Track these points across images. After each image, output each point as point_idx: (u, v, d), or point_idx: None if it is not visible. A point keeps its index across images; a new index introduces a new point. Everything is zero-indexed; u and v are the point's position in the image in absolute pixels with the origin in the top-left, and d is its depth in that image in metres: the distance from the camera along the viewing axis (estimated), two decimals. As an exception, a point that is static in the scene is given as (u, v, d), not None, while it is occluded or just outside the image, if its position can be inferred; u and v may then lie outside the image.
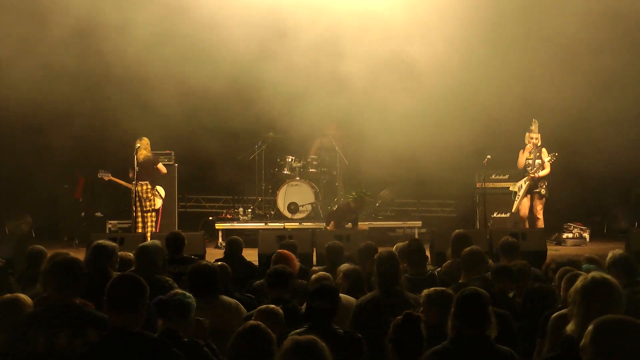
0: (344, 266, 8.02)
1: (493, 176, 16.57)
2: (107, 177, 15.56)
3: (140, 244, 8.15)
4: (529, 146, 15.18)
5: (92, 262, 7.30)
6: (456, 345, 5.13)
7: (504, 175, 16.76)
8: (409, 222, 17.18)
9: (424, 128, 15.50)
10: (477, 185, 15.97)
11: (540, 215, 15.17)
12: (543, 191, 15.16)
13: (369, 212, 17.73)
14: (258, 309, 6.25)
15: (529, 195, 15.22)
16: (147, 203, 15.37)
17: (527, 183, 15.11)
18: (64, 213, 17.80)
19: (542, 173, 15.07)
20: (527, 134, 15.27)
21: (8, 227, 17.06)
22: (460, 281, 7.66)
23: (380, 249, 8.30)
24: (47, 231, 17.23)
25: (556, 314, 5.94)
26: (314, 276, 7.85)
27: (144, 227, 15.22)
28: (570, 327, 4.82)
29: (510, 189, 15.61)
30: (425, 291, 6.16)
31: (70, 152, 15.99)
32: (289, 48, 15.13)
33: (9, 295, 6.26)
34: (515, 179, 16.36)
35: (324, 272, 8.12)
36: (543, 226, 14.73)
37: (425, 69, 15.25)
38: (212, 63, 14.99)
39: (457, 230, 9.90)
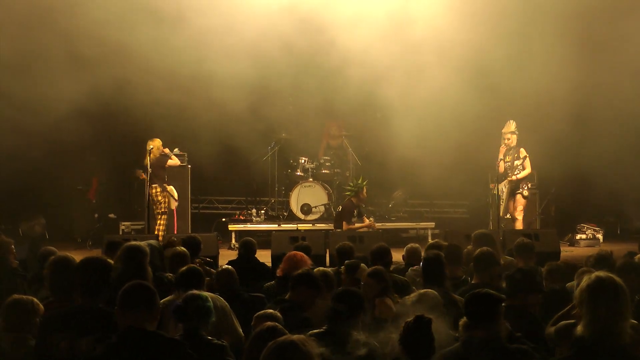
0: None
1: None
2: (142, 176, 15.61)
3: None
4: (502, 147, 15.19)
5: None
6: (467, 347, 5.14)
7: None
8: (422, 223, 17.20)
9: (437, 129, 15.53)
10: (490, 186, 15.92)
11: (519, 216, 15.12)
12: (525, 192, 15.13)
13: (382, 214, 17.76)
14: (256, 315, 6.29)
15: (517, 196, 15.22)
16: (158, 205, 15.37)
17: (507, 187, 15.16)
18: (77, 214, 17.84)
19: (521, 175, 15.08)
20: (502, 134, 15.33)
21: (21, 229, 17.13)
22: (472, 282, 7.68)
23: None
24: (61, 232, 17.28)
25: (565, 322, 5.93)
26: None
27: (157, 230, 15.26)
28: (579, 328, 4.82)
29: (492, 190, 15.60)
30: None
31: (83, 153, 16.02)
32: (303, 46, 15.20)
33: (16, 296, 6.28)
34: (528, 179, 16.41)
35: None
36: (522, 227, 14.64)
37: (440, 69, 15.31)
38: (226, 63, 15.03)
39: (478, 231, 9.90)
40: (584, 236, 16.32)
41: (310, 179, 17.26)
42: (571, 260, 10.74)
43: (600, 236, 16.38)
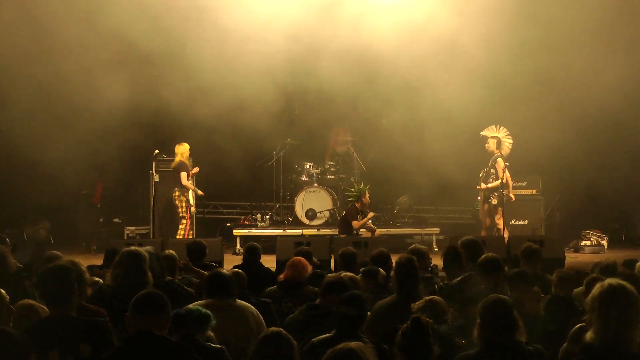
0: None
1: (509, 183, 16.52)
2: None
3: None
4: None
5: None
6: (487, 352, 5.13)
7: (522, 182, 16.73)
8: (426, 229, 17.16)
9: (441, 134, 15.54)
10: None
11: (499, 225, 15.13)
12: (494, 201, 15.16)
13: (387, 219, 17.74)
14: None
15: (486, 206, 15.30)
16: (177, 210, 15.45)
17: (480, 195, 15.25)
18: (82, 219, 17.86)
19: (491, 184, 15.15)
20: None
21: (26, 233, 17.17)
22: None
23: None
24: (66, 237, 17.30)
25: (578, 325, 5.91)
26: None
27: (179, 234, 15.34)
28: (589, 334, 4.81)
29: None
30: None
31: (88, 157, 16.05)
32: (309, 51, 15.23)
33: (26, 300, 6.28)
34: (533, 186, 16.43)
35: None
36: (507, 235, 14.61)
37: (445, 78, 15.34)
38: (232, 69, 15.07)
39: (466, 237, 9.90)
40: (588, 242, 16.25)
41: (315, 184, 17.26)
42: (577, 266, 10.71)
43: (605, 243, 16.32)
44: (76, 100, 15.20)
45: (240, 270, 8.13)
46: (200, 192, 15.81)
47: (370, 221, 15.01)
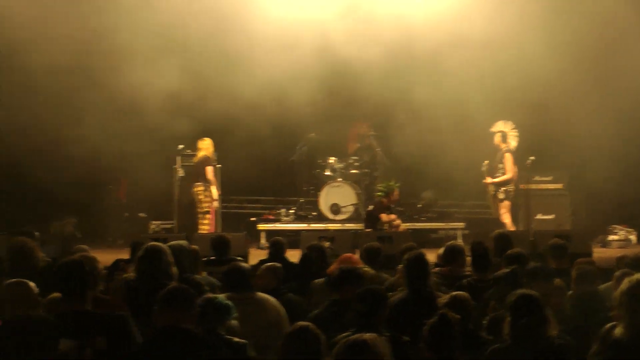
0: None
1: (536, 177, 16.45)
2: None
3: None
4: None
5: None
6: (517, 346, 5.11)
7: (548, 176, 16.64)
8: (451, 224, 17.10)
9: (468, 129, 15.50)
10: (521, 187, 15.82)
11: (505, 220, 15.18)
12: (500, 195, 15.20)
13: (411, 214, 17.70)
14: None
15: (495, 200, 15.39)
16: (200, 205, 15.53)
17: (489, 190, 15.28)
18: (108, 214, 17.96)
19: (498, 179, 15.18)
20: None
21: (52, 229, 17.26)
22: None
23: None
24: (92, 232, 17.38)
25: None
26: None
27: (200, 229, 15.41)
28: (618, 330, 4.77)
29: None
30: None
31: (112, 153, 16.13)
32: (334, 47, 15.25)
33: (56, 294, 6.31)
34: (559, 180, 16.33)
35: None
36: (513, 229, 14.60)
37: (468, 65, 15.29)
38: (255, 63, 15.11)
39: (497, 231, 9.83)
40: (616, 237, 16.13)
41: (339, 179, 17.22)
42: (601, 262, 10.60)
43: (633, 237, 16.20)
44: (102, 95, 15.34)
45: (277, 264, 8.18)
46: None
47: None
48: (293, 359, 4.90)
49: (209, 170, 15.52)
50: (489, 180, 15.18)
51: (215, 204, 15.84)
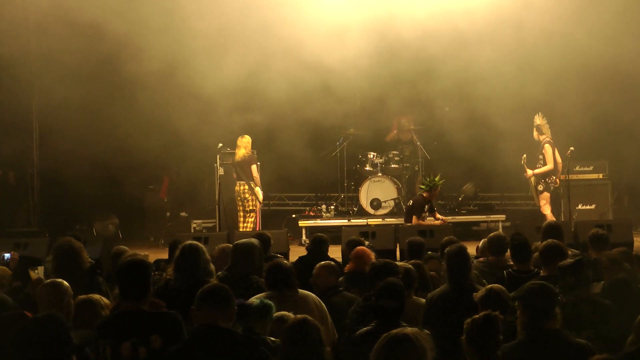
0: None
1: (577, 167, 16.37)
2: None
3: (236, 242, 8.25)
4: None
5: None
6: (531, 339, 5.13)
7: (588, 166, 16.56)
8: (492, 216, 17.04)
9: (506, 119, 15.47)
10: (561, 177, 15.76)
11: (545, 211, 15.02)
12: (540, 187, 15.04)
13: (452, 207, 17.69)
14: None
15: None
16: (247, 203, 15.67)
17: (531, 182, 15.17)
18: (149, 213, 18.14)
19: (538, 170, 14.99)
20: None
21: (96, 228, 17.52)
22: (542, 274, 7.62)
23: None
24: (134, 231, 17.60)
25: None
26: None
27: (244, 228, 15.50)
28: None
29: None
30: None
31: (154, 152, 16.31)
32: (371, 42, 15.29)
33: (85, 296, 6.43)
34: (599, 170, 16.23)
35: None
36: (553, 220, 14.47)
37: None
38: (294, 61, 15.19)
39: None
40: (657, 227, 16.01)
41: (380, 174, 17.25)
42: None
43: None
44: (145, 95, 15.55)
45: (330, 262, 8.24)
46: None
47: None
48: (294, 350, 5.00)
49: (254, 169, 15.63)
50: (529, 172, 15.10)
51: (259, 205, 15.94)
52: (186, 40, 15.24)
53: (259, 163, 15.99)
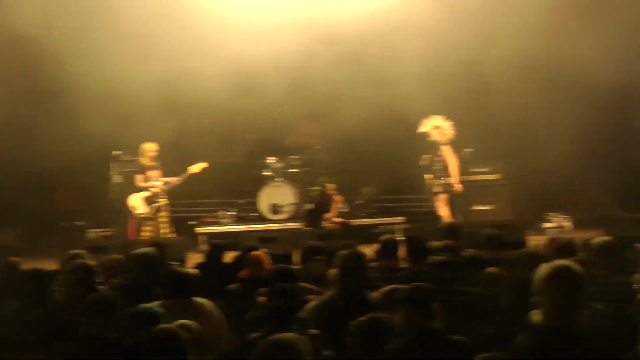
0: None
1: (473, 169, 16.57)
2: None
3: (133, 251, 8.32)
4: None
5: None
6: (414, 339, 5.16)
7: (485, 167, 16.78)
8: (391, 219, 17.11)
9: (405, 122, 15.61)
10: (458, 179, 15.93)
11: (441, 212, 15.33)
12: (436, 188, 15.43)
13: (351, 209, 17.72)
14: None
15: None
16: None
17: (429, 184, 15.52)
18: (44, 223, 17.63)
19: (455, 177, 15.38)
20: None
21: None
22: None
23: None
24: (31, 242, 17.14)
25: None
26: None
27: None
28: (537, 316, 4.82)
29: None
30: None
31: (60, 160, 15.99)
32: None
33: None
34: (497, 170, 16.50)
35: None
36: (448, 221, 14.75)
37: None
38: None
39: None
40: (550, 225, 16.33)
41: (279, 179, 17.21)
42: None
43: (568, 224, 16.39)
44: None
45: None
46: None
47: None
48: None
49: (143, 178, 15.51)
50: (456, 187, 15.22)
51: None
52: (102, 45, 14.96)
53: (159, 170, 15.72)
